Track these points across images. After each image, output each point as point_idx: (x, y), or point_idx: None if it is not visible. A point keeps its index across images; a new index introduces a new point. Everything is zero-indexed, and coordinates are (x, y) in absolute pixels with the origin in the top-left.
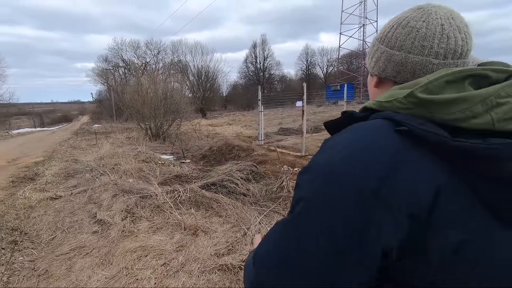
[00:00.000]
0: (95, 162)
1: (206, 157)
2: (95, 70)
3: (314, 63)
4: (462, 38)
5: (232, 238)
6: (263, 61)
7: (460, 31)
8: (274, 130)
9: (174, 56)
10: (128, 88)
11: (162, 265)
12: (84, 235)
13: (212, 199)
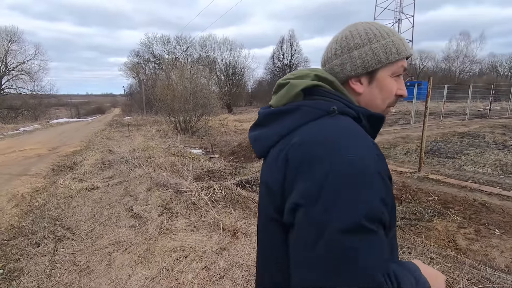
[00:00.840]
0: (129, 154)
1: (235, 153)
2: (127, 64)
3: None
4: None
5: None
6: (290, 58)
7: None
8: None
9: (203, 51)
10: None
11: (203, 268)
12: (122, 229)
13: (249, 198)
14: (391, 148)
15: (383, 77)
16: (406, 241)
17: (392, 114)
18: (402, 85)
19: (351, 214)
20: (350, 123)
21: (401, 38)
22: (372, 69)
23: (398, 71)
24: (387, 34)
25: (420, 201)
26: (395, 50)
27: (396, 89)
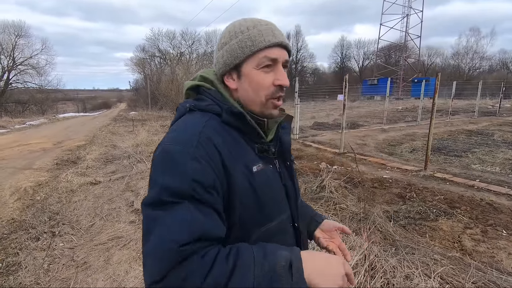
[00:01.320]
0: (132, 149)
1: None
2: (133, 59)
3: (349, 56)
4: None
5: None
6: (296, 53)
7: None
8: (308, 124)
9: (208, 46)
10: (164, 78)
11: None
12: (122, 224)
13: None
14: (397, 146)
15: (248, 71)
16: (409, 241)
17: (398, 111)
18: (279, 75)
19: (154, 190)
20: (191, 118)
21: (261, 30)
22: (233, 64)
23: (263, 62)
24: (247, 29)
25: (425, 200)
26: (250, 43)
27: (269, 81)
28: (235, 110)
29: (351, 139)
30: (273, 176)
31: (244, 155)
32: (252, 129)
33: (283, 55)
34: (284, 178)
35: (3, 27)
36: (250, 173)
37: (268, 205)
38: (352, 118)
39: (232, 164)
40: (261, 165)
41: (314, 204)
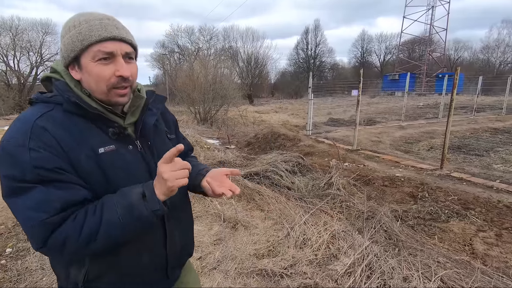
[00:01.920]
0: None
1: (251, 144)
2: (153, 55)
3: (370, 50)
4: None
5: (274, 238)
6: (314, 48)
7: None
8: (323, 120)
9: (226, 42)
10: (181, 73)
11: (198, 259)
12: None
13: (255, 191)
14: (414, 143)
15: (85, 63)
16: (415, 242)
17: (419, 107)
18: (119, 67)
19: (3, 183)
20: (29, 111)
21: (92, 25)
22: (70, 58)
23: (97, 56)
24: (79, 24)
25: (437, 200)
26: (81, 37)
27: (110, 72)
28: (72, 99)
29: (365, 136)
30: (131, 155)
31: (88, 139)
32: (97, 116)
33: (122, 47)
34: (146, 157)
35: (31, 25)
36: (95, 155)
37: (121, 180)
38: (369, 114)
39: (73, 148)
40: (113, 146)
41: (319, 201)
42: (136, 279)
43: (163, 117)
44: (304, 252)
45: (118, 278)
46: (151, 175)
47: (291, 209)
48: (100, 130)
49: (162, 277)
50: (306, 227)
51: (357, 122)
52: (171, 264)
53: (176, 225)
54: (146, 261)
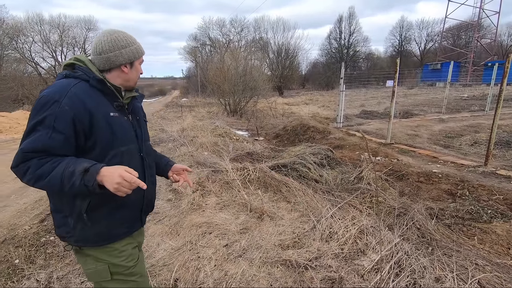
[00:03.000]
0: (177, 133)
1: (280, 136)
2: (186, 48)
3: (409, 38)
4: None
5: (299, 230)
6: (348, 37)
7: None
8: (355, 112)
9: (256, 33)
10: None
11: (224, 246)
12: (160, 201)
13: (282, 182)
14: (456, 138)
15: (136, 65)
16: (451, 243)
17: (463, 99)
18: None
19: (30, 121)
20: (66, 81)
21: (139, 45)
22: (130, 61)
23: (141, 62)
24: (133, 42)
25: (479, 199)
26: (139, 51)
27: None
28: (98, 77)
29: (401, 129)
30: (126, 123)
31: (105, 106)
32: (111, 92)
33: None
34: (134, 126)
35: (76, 22)
36: (108, 115)
37: (120, 136)
38: (406, 106)
39: (95, 109)
40: (117, 114)
41: (348, 195)
42: (125, 212)
43: (142, 106)
44: (329, 246)
45: (113, 208)
46: (136, 137)
47: (318, 202)
48: (109, 102)
49: (139, 216)
50: (333, 221)
51: (391, 115)
52: (144, 208)
53: (151, 178)
54: (133, 197)
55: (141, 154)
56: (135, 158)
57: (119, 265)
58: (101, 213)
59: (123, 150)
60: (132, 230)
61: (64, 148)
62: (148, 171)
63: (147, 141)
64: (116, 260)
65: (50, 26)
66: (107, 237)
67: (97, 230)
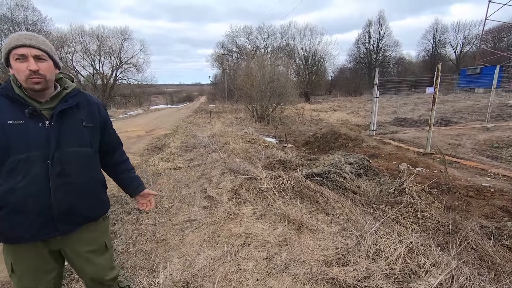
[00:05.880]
0: (208, 139)
1: (309, 144)
2: (213, 55)
3: (444, 42)
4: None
5: (342, 245)
6: (377, 42)
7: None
8: (387, 120)
9: (283, 39)
10: (239, 72)
11: (264, 258)
12: (196, 208)
13: (318, 192)
14: (504, 148)
15: (11, 63)
16: (497, 257)
17: (509, 106)
18: (29, 63)
19: None
20: None
21: (11, 38)
22: (3, 59)
23: (14, 57)
24: (7, 39)
25: None
26: (5, 46)
27: (24, 67)
28: (1, 87)
29: (440, 138)
30: (33, 130)
31: (4, 114)
32: (17, 100)
33: (31, 51)
34: (51, 132)
35: (113, 33)
36: (5, 124)
37: (16, 144)
38: (443, 113)
39: None
40: (22, 121)
41: (390, 209)
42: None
43: (88, 110)
44: (378, 264)
45: (10, 212)
46: (47, 143)
47: (359, 215)
48: (19, 109)
49: (48, 224)
50: (378, 237)
51: (431, 123)
52: (57, 216)
53: (64, 187)
54: (30, 205)
55: (48, 161)
56: (36, 167)
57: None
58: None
59: (21, 157)
60: (37, 237)
61: None
62: (57, 179)
63: (73, 147)
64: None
65: (90, 37)
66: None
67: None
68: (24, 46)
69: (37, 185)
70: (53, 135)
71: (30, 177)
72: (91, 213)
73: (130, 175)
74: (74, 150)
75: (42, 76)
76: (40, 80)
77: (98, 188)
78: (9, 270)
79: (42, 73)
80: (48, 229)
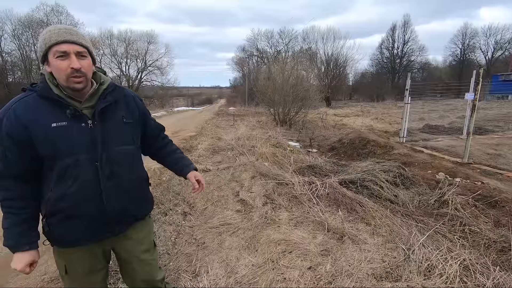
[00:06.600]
0: (234, 142)
1: (335, 149)
2: (234, 59)
3: (473, 46)
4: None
5: (389, 258)
6: (402, 46)
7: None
8: (415, 126)
9: (305, 43)
10: (261, 75)
11: (308, 268)
12: (229, 211)
13: (355, 201)
14: None
15: (50, 59)
16: None
17: None
18: (71, 61)
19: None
20: (19, 95)
21: (51, 33)
22: (41, 56)
23: (55, 54)
24: (45, 33)
25: None
26: (44, 42)
27: (65, 65)
28: (38, 88)
29: (477, 147)
30: (77, 131)
31: (47, 117)
32: (57, 101)
33: (74, 48)
34: (94, 132)
35: (139, 36)
36: (49, 127)
37: (63, 147)
38: (476, 121)
39: (33, 122)
40: (65, 123)
41: (433, 221)
42: (78, 222)
43: (127, 105)
44: (433, 282)
45: (64, 218)
46: (93, 144)
47: (402, 226)
48: (59, 110)
49: (102, 226)
50: (428, 251)
51: (470, 131)
52: (111, 218)
53: (115, 189)
54: (83, 210)
55: (97, 163)
56: (85, 170)
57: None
58: (53, 222)
59: (68, 162)
60: (92, 239)
61: (11, 163)
62: (108, 181)
63: (118, 146)
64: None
65: (118, 40)
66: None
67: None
68: (66, 42)
69: (88, 189)
70: (98, 135)
71: (80, 181)
72: (141, 212)
73: (175, 156)
74: (119, 149)
75: (84, 75)
76: (82, 79)
77: (144, 186)
78: (63, 272)
79: (84, 71)
80: (102, 231)
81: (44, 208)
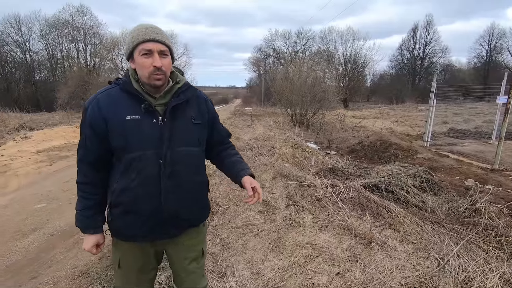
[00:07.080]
0: (253, 142)
1: (355, 152)
2: (250, 59)
3: (500, 48)
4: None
5: (422, 267)
6: (423, 47)
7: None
8: (440, 130)
9: (323, 43)
10: (278, 76)
11: (337, 274)
12: (252, 212)
13: (381, 205)
14: None
15: (135, 57)
16: None
17: None
18: (154, 60)
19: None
20: (105, 87)
21: (139, 31)
22: (128, 53)
23: (141, 51)
24: (134, 31)
25: None
26: (132, 40)
27: (149, 63)
28: (121, 81)
29: (508, 153)
30: (148, 126)
31: (125, 110)
32: (135, 95)
33: (157, 47)
34: (163, 128)
35: None
36: (124, 120)
37: (133, 141)
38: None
39: (112, 114)
40: (138, 117)
41: (465, 230)
42: (135, 218)
43: (198, 106)
44: None
45: (124, 212)
46: (161, 140)
47: (432, 234)
48: (136, 104)
49: (158, 226)
50: (463, 262)
51: (502, 136)
52: (166, 219)
53: (174, 190)
54: (141, 206)
55: (160, 160)
56: (150, 166)
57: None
58: (115, 213)
59: (135, 156)
60: (148, 237)
61: (85, 156)
62: (168, 181)
63: (183, 147)
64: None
65: None
66: (117, 234)
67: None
68: (151, 41)
69: (149, 186)
70: (166, 132)
71: (142, 177)
72: (196, 218)
73: (233, 159)
74: (183, 150)
75: (163, 73)
76: (162, 76)
77: (203, 191)
78: (116, 265)
79: (164, 69)
80: (158, 232)
81: (110, 198)
